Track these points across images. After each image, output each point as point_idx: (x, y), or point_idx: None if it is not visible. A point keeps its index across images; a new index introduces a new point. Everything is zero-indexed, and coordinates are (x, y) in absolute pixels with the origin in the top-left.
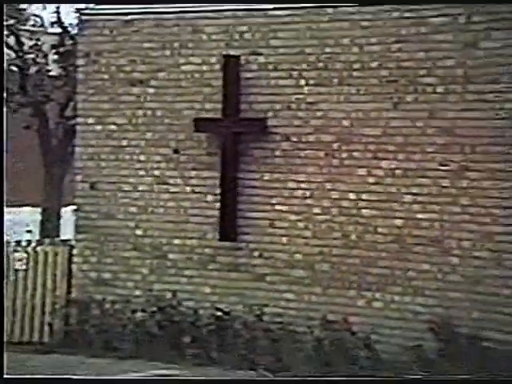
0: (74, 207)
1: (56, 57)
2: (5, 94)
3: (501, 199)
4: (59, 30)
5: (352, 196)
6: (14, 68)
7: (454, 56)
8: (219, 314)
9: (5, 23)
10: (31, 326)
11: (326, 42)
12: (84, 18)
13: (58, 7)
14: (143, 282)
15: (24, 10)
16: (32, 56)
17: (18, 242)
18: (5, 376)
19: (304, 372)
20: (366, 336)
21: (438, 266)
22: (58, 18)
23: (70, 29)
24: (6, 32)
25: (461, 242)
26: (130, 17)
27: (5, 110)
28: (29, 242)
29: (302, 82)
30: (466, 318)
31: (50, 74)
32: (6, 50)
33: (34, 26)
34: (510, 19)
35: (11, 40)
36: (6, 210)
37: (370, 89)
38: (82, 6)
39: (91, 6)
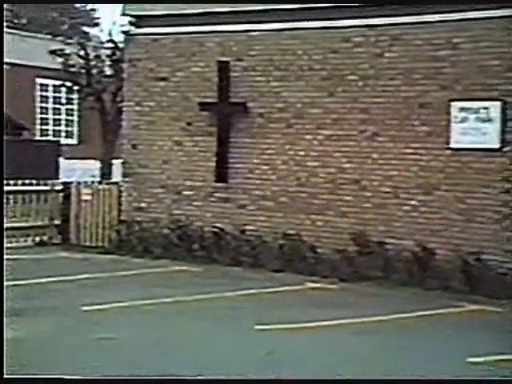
0: (122, 160)
1: (110, 62)
2: (76, 87)
3: (397, 154)
4: (112, 45)
5: (302, 153)
6: (83, 70)
7: (368, 62)
8: (217, 230)
9: (77, 41)
10: (96, 236)
11: (285, 52)
12: (127, 37)
13: (110, 30)
14: (167, 209)
15: (88, 33)
16: (94, 62)
17: (86, 182)
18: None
19: (272, 266)
20: (312, 244)
21: (358, 198)
22: (111, 37)
23: (119, 44)
24: (78, 47)
25: (372, 182)
26: (157, 36)
27: (76, 96)
28: (93, 182)
29: (271, 78)
30: (375, 231)
31: (106, 73)
32: (78, 59)
33: (96, 42)
34: (402, 39)
35: (81, 52)
36: (79, 161)
37: (314, 83)
38: (127, 28)
39: (132, 29)
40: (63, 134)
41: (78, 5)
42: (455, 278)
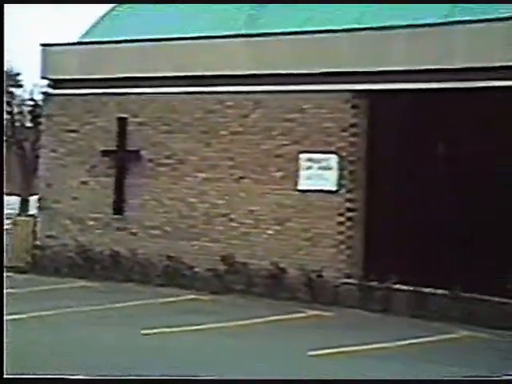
0: (38, 196)
1: (30, 117)
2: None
3: (259, 193)
4: (32, 103)
5: (185, 191)
6: (8, 123)
7: (237, 121)
8: (114, 253)
9: (6, 99)
10: (16, 258)
11: (172, 111)
12: (45, 97)
13: (32, 91)
14: (74, 237)
15: (13, 92)
16: (18, 117)
17: (7, 214)
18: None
19: (158, 282)
20: (190, 264)
21: (227, 227)
22: (32, 97)
23: (38, 102)
24: (6, 105)
25: (238, 215)
26: (70, 96)
27: (5, 145)
28: (13, 214)
29: (159, 132)
30: (240, 253)
31: (27, 126)
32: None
33: (19, 101)
34: (263, 104)
35: (7, 109)
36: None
37: (194, 136)
38: (45, 89)
39: (50, 90)
40: None
41: (5, 70)
42: (301, 290)
